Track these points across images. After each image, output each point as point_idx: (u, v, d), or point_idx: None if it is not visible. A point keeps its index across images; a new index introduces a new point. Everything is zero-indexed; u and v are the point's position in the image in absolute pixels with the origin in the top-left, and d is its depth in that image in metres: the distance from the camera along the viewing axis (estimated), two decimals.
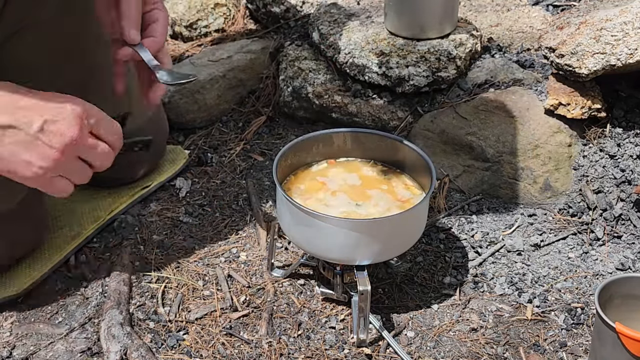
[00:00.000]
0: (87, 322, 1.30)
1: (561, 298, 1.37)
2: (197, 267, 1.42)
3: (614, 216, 1.50)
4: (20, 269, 1.37)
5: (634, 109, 1.60)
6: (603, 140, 1.58)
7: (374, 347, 1.26)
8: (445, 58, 1.64)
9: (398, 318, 1.32)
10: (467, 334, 1.29)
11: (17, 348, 1.26)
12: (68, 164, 1.06)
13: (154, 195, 1.60)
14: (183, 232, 1.51)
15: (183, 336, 1.28)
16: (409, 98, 1.70)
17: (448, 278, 1.41)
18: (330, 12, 1.84)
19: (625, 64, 1.46)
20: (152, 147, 1.57)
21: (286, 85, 1.79)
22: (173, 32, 2.16)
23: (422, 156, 1.34)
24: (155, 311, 1.32)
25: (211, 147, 1.76)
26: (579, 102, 1.55)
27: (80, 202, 1.54)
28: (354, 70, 1.70)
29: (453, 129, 1.63)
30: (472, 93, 1.66)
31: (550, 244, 1.49)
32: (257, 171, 1.69)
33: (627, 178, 1.52)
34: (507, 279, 1.40)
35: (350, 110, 1.71)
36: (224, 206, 1.59)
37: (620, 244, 1.47)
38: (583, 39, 1.49)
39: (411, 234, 1.29)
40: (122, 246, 1.46)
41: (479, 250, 1.47)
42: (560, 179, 1.57)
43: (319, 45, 1.79)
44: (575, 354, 1.25)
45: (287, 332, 1.29)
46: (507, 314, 1.33)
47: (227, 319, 1.31)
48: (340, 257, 1.24)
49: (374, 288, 1.35)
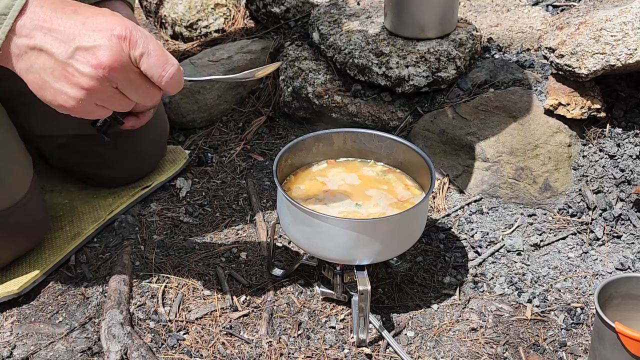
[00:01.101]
0: (87, 321, 1.30)
1: (561, 298, 1.37)
2: (197, 267, 1.42)
3: (614, 216, 1.50)
4: (20, 269, 1.37)
5: (633, 109, 1.61)
6: (603, 140, 1.58)
7: (374, 347, 1.26)
8: (445, 58, 1.64)
9: (398, 318, 1.32)
10: (466, 333, 1.29)
11: (17, 348, 1.26)
12: (103, 94, 0.98)
13: (154, 195, 1.61)
14: (183, 232, 1.51)
15: (183, 336, 1.28)
16: (409, 98, 1.70)
17: (448, 278, 1.41)
18: (330, 12, 1.84)
19: (625, 64, 1.46)
20: (151, 146, 1.58)
21: (286, 86, 1.79)
22: (173, 33, 2.16)
23: (422, 156, 1.34)
24: (156, 311, 1.32)
25: (211, 147, 1.76)
26: (579, 102, 1.55)
27: (80, 202, 1.54)
28: (354, 70, 1.70)
29: (453, 129, 1.63)
30: (472, 93, 1.66)
31: (550, 244, 1.49)
32: (257, 171, 1.70)
33: (627, 178, 1.52)
34: (507, 279, 1.40)
35: (350, 110, 1.71)
36: (224, 206, 1.59)
37: (620, 244, 1.47)
38: (583, 39, 1.50)
39: (411, 234, 1.29)
40: (122, 246, 1.46)
41: (479, 250, 1.47)
42: (560, 179, 1.57)
43: (319, 45, 1.79)
44: (575, 354, 1.26)
45: (287, 332, 1.29)
46: (507, 313, 1.33)
47: (227, 318, 1.31)
48: (340, 257, 1.24)
49: (374, 288, 1.35)
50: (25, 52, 0.97)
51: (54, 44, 0.96)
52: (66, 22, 0.97)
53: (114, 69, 0.96)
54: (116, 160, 1.52)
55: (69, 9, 0.98)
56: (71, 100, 0.98)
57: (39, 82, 0.98)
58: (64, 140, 1.49)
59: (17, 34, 0.97)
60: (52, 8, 0.97)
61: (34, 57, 0.97)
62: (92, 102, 0.99)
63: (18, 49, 0.97)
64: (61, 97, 0.99)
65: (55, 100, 0.99)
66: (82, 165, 1.55)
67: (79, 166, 1.56)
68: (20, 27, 0.97)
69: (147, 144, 1.55)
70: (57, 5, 0.98)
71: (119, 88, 0.99)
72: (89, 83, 0.96)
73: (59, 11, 0.97)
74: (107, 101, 1.00)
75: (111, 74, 0.96)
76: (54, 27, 0.96)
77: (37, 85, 0.99)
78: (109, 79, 0.97)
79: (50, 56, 0.96)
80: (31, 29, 0.97)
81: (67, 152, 1.52)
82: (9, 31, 0.96)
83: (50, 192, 1.56)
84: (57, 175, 1.59)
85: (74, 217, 1.50)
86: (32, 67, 0.98)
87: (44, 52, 0.97)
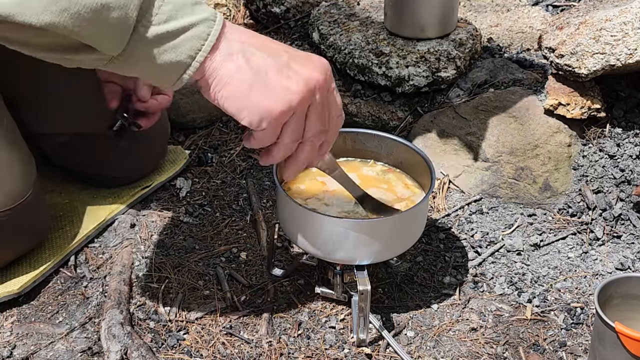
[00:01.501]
0: (87, 321, 1.31)
1: (561, 298, 1.37)
2: (197, 267, 1.42)
3: (614, 216, 1.50)
4: (20, 269, 1.37)
5: (633, 109, 1.61)
6: (603, 140, 1.58)
7: (374, 347, 1.26)
8: (445, 58, 1.64)
9: (398, 318, 1.32)
10: (466, 333, 1.29)
11: (17, 348, 1.26)
12: (302, 110, 0.99)
13: (154, 195, 1.61)
14: (183, 232, 1.51)
15: (183, 336, 1.28)
16: (409, 98, 1.70)
17: (448, 278, 1.41)
18: (330, 12, 1.84)
19: (625, 64, 1.46)
20: (151, 146, 1.59)
21: None
22: None
23: (422, 156, 1.34)
24: (156, 311, 1.32)
25: (211, 147, 1.76)
26: (579, 102, 1.55)
27: (80, 202, 1.54)
28: (354, 70, 1.70)
29: (453, 129, 1.63)
30: (472, 93, 1.66)
31: (550, 244, 1.49)
32: (257, 171, 1.70)
33: (627, 178, 1.52)
34: (507, 279, 1.40)
35: (350, 110, 1.71)
36: (224, 206, 1.59)
37: (620, 244, 1.47)
38: (583, 39, 1.50)
39: (411, 234, 1.29)
40: (122, 246, 1.46)
41: (479, 250, 1.47)
42: (559, 179, 1.57)
43: (319, 45, 1.79)
44: (575, 354, 1.26)
45: (287, 331, 1.29)
46: (507, 313, 1.33)
47: (227, 318, 1.31)
48: (340, 257, 1.24)
49: (374, 288, 1.35)
50: (238, 53, 0.96)
51: (268, 50, 0.97)
52: (270, 43, 0.99)
53: (323, 82, 0.99)
54: (117, 160, 1.52)
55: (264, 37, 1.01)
56: (280, 104, 0.97)
57: (248, 81, 0.96)
58: (65, 139, 1.50)
59: (227, 36, 0.96)
60: (252, 34, 1.00)
61: (248, 56, 0.96)
62: (290, 113, 0.99)
63: (229, 49, 0.96)
64: (272, 98, 0.97)
65: (262, 101, 0.97)
66: (84, 165, 1.55)
67: (80, 166, 1.56)
68: (229, 32, 0.96)
69: (148, 144, 1.55)
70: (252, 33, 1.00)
71: (310, 109, 1.00)
72: (303, 88, 0.97)
73: (258, 36, 1.00)
74: (295, 122, 1.01)
75: (319, 88, 0.99)
76: (263, 40, 0.98)
77: (245, 84, 0.96)
78: (314, 93, 0.99)
79: (267, 57, 0.97)
80: (242, 34, 0.97)
81: (68, 151, 1.52)
82: (222, 27, 0.95)
83: (50, 192, 1.56)
84: (57, 175, 1.59)
85: (74, 217, 1.50)
86: (244, 65, 0.96)
87: (260, 53, 0.97)
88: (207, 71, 0.96)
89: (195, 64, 0.94)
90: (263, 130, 0.99)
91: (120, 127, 1.30)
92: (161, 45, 0.92)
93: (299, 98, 0.98)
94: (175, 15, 0.92)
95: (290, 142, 1.03)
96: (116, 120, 1.30)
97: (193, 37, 0.93)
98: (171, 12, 0.92)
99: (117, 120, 1.29)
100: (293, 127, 1.01)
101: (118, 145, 1.29)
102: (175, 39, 0.92)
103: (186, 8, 0.93)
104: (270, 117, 0.98)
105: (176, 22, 0.92)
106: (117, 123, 1.29)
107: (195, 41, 0.93)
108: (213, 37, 0.94)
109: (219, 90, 0.97)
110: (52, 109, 1.46)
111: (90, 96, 1.37)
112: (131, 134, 1.29)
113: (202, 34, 0.93)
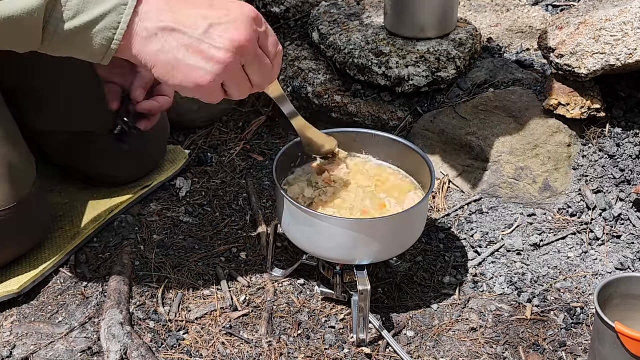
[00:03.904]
0: (87, 321, 1.31)
1: (561, 298, 1.37)
2: (197, 267, 1.42)
3: (614, 216, 1.50)
4: (20, 269, 1.37)
5: (633, 109, 1.61)
6: (602, 140, 1.58)
7: (374, 347, 1.26)
8: (445, 58, 1.64)
9: (398, 318, 1.32)
10: (466, 333, 1.29)
11: (17, 347, 1.26)
12: (234, 71, 1.00)
13: (154, 195, 1.61)
14: (183, 232, 1.51)
15: (183, 336, 1.28)
16: (409, 98, 1.70)
17: (448, 278, 1.41)
18: (330, 12, 1.84)
19: (625, 64, 1.46)
20: (151, 146, 1.59)
21: (286, 85, 1.79)
22: None
23: (422, 156, 1.34)
24: (156, 311, 1.32)
25: (211, 147, 1.76)
26: (579, 102, 1.55)
27: (80, 202, 1.54)
28: (354, 70, 1.70)
29: (453, 129, 1.63)
30: (472, 93, 1.66)
31: (550, 244, 1.49)
32: (257, 171, 1.70)
33: (627, 178, 1.52)
34: (507, 279, 1.40)
35: (350, 110, 1.71)
36: (224, 206, 1.59)
37: (620, 244, 1.47)
38: (583, 39, 1.50)
39: (411, 234, 1.29)
40: (122, 246, 1.46)
41: (479, 250, 1.47)
42: (559, 179, 1.57)
43: (319, 45, 1.79)
44: (575, 354, 1.26)
45: (287, 331, 1.29)
46: (507, 313, 1.34)
47: (227, 318, 1.31)
48: (340, 257, 1.24)
49: (374, 288, 1.35)
50: (155, 34, 0.97)
51: (186, 23, 0.97)
52: (194, 3, 0.99)
53: (248, 42, 0.98)
54: (117, 160, 1.52)
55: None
56: (207, 76, 0.98)
57: (171, 62, 0.98)
58: (65, 137, 1.49)
59: (142, 18, 0.97)
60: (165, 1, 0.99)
61: (165, 37, 0.97)
62: (221, 80, 1.00)
63: (147, 32, 0.97)
64: (196, 73, 0.99)
65: (188, 79, 0.99)
66: (83, 164, 1.55)
67: (80, 165, 1.56)
68: (145, 12, 0.97)
69: (147, 144, 1.55)
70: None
71: (245, 66, 1.01)
72: (225, 56, 0.98)
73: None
74: (233, 81, 1.02)
75: (245, 48, 0.99)
76: (182, 9, 0.98)
77: (169, 65, 0.98)
78: (242, 54, 0.99)
79: (183, 34, 0.97)
80: (158, 12, 0.97)
81: (68, 150, 1.52)
82: (133, 13, 0.96)
83: (50, 192, 1.56)
84: (57, 175, 1.59)
85: (74, 217, 1.50)
86: (163, 47, 0.97)
87: (176, 32, 0.97)
88: (131, 54, 0.98)
89: (111, 51, 0.96)
90: (204, 98, 1.02)
91: (121, 131, 1.30)
92: (74, 38, 0.95)
93: (223, 67, 0.99)
94: (82, 8, 0.93)
95: (239, 94, 1.04)
96: (117, 124, 1.30)
97: (105, 28, 0.95)
98: (78, 6, 0.93)
99: (118, 125, 1.30)
100: (233, 85, 1.02)
101: (120, 149, 1.30)
102: (89, 31, 0.94)
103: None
104: (202, 90, 1.00)
105: (84, 15, 0.94)
106: (118, 127, 1.30)
107: (107, 32, 0.95)
108: (124, 24, 0.95)
109: (151, 71, 1.00)
110: (53, 105, 1.46)
111: (91, 93, 1.38)
112: (132, 136, 1.30)
113: (113, 23, 0.95)
